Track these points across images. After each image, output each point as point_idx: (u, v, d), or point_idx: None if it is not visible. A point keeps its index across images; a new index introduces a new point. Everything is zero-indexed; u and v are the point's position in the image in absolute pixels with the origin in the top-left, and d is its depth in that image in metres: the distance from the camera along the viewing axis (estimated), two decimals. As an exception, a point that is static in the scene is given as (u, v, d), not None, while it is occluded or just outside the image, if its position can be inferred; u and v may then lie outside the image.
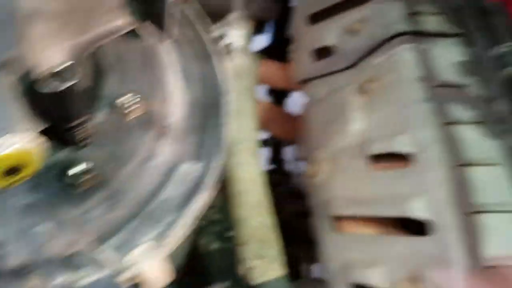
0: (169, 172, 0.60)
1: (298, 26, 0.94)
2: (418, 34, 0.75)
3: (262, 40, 1.27)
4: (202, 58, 0.68)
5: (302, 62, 0.91)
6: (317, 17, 0.91)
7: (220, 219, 0.84)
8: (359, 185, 0.73)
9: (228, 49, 0.86)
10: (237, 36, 0.88)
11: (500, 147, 0.66)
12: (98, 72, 0.59)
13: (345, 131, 0.77)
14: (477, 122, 0.68)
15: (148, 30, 0.54)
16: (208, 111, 0.65)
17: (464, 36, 0.75)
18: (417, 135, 0.68)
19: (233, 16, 0.90)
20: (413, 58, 0.73)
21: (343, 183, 0.75)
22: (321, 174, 0.79)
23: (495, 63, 0.69)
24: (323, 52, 0.88)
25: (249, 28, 0.90)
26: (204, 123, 0.64)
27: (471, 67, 0.72)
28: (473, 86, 0.71)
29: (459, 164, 0.65)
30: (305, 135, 0.86)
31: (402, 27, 0.76)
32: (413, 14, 0.77)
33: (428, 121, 0.68)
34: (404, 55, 0.74)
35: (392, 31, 0.76)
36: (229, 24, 0.90)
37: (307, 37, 0.91)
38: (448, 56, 0.73)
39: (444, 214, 0.63)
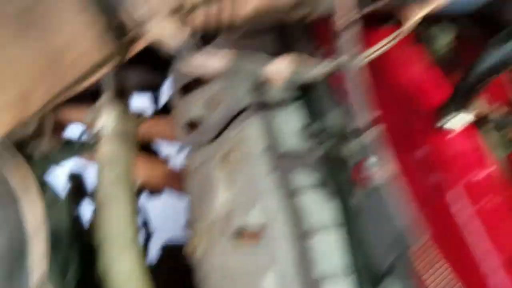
0: None
1: (174, 97, 0.96)
2: (264, 105, 0.78)
3: (162, 97, 1.29)
4: (8, 202, 0.66)
5: (178, 133, 0.93)
6: (187, 89, 0.94)
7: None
8: (226, 262, 0.75)
9: (98, 136, 0.87)
10: (108, 119, 0.89)
11: (336, 208, 0.69)
12: None
13: (213, 204, 0.79)
14: (318, 185, 0.71)
15: None
16: (14, 259, 0.63)
17: (303, 99, 0.78)
18: (265, 208, 0.71)
19: (103, 98, 0.91)
20: (259, 130, 0.76)
21: (214, 259, 0.77)
22: (199, 248, 0.81)
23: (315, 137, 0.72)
24: (194, 124, 0.90)
25: (121, 109, 0.91)
26: (10, 273, 0.62)
27: (311, 131, 0.75)
28: (314, 150, 0.74)
29: (302, 234, 0.68)
30: (187, 207, 0.89)
31: (249, 99, 0.79)
32: (259, 85, 0.80)
33: (274, 193, 0.71)
34: (251, 127, 0.77)
35: (241, 104, 0.79)
36: (99, 108, 0.90)
37: (180, 109, 0.94)
38: (290, 123, 0.76)
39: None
